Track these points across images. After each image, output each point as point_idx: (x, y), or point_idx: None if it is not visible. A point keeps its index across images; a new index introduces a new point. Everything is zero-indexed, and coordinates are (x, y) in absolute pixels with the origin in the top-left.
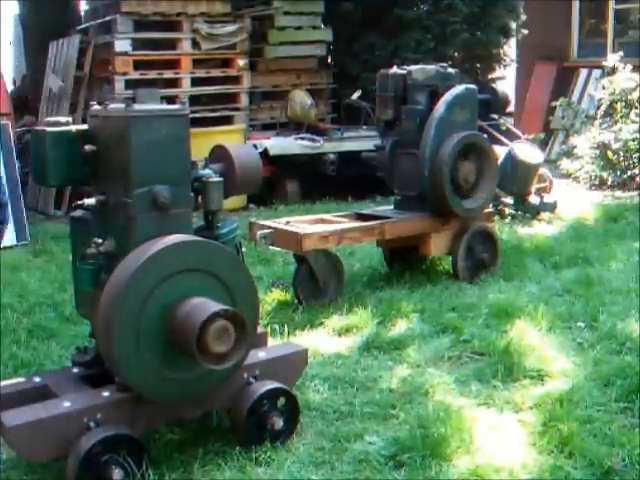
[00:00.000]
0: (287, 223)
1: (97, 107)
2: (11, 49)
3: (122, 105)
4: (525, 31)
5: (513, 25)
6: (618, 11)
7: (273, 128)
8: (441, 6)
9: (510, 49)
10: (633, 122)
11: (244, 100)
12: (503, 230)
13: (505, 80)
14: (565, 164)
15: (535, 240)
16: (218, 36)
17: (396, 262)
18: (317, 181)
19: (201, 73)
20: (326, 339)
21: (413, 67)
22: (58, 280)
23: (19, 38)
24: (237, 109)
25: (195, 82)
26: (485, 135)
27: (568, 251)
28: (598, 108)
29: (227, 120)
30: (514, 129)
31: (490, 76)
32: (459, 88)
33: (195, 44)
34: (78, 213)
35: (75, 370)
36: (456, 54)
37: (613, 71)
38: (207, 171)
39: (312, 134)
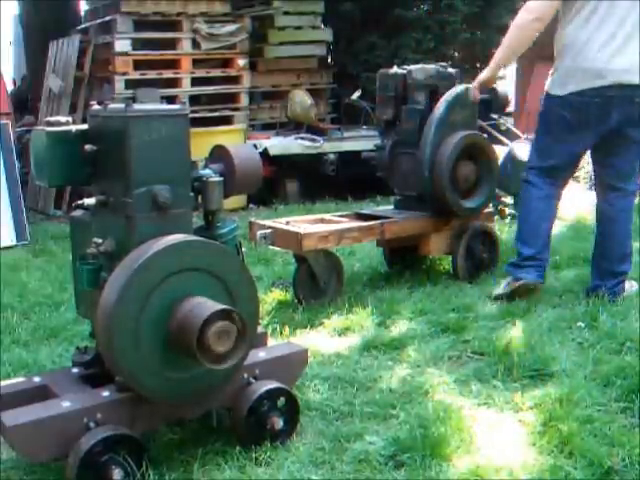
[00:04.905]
0: (287, 223)
1: (97, 107)
2: (11, 49)
3: (122, 105)
4: None
5: None
6: None
7: (273, 128)
8: (441, 6)
9: None
10: None
11: (244, 100)
12: (503, 230)
13: (505, 80)
14: None
15: None
16: (218, 36)
17: (396, 262)
18: (317, 181)
19: (201, 73)
20: (326, 339)
21: (413, 67)
22: (58, 280)
23: (19, 38)
24: (237, 109)
25: (195, 82)
26: (485, 135)
27: (568, 251)
28: None
29: (227, 120)
30: (514, 129)
31: None
32: (459, 88)
33: (195, 44)
34: (78, 213)
35: (75, 370)
36: (456, 54)
37: None
38: (207, 171)
39: (312, 134)
